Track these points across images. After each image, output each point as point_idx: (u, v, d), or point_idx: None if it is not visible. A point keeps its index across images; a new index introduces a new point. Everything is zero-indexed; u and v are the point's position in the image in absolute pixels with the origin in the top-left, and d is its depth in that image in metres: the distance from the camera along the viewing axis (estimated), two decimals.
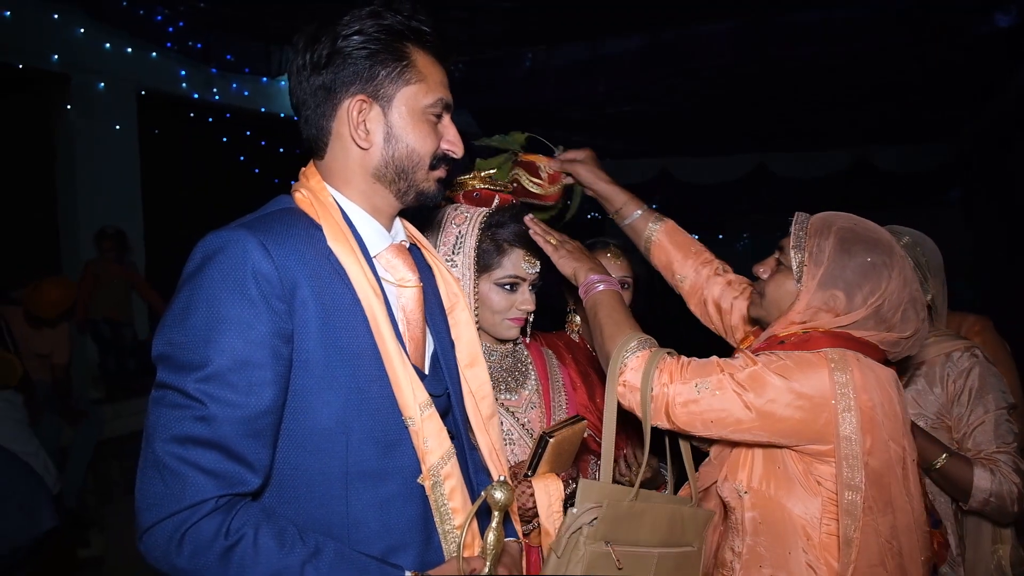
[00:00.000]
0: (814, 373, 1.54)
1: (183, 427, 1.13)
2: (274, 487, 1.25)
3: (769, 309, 1.72)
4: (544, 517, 1.67)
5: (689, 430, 1.62)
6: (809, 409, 1.53)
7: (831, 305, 1.60)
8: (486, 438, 1.55)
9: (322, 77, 1.33)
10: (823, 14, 5.68)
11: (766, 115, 8.68)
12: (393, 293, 1.40)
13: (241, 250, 1.19)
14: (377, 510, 1.29)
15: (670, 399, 1.58)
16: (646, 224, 2.15)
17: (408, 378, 1.31)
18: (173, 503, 1.11)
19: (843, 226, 1.64)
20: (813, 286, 1.61)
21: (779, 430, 1.56)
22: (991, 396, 2.14)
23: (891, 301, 1.58)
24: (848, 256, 1.60)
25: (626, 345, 1.65)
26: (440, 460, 1.34)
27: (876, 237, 1.63)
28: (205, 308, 1.16)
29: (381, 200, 1.41)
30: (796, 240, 1.66)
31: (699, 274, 2.11)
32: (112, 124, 6.79)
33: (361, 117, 1.34)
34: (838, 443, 1.53)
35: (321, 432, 1.25)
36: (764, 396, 1.54)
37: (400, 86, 1.35)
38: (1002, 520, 2.13)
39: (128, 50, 6.64)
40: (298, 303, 1.22)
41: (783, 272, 1.69)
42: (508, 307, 1.89)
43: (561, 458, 1.73)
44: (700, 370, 1.60)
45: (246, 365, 1.16)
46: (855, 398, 1.52)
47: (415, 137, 1.37)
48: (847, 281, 1.59)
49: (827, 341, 1.59)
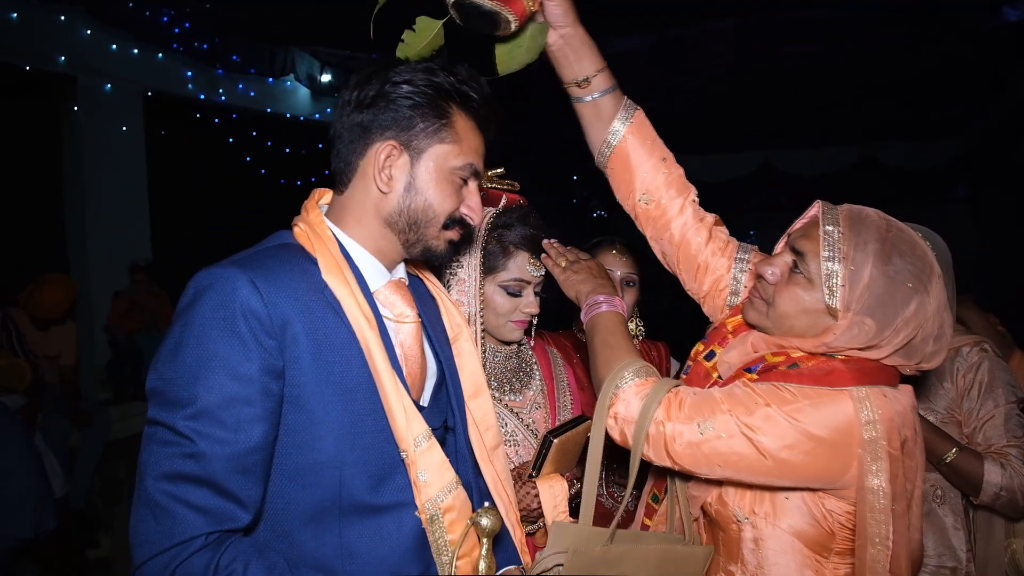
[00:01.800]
0: (837, 416, 1.36)
1: (173, 464, 1.14)
2: (267, 521, 1.25)
3: (778, 323, 1.48)
4: (549, 518, 1.67)
5: (695, 471, 1.45)
6: (831, 457, 1.37)
7: (855, 333, 1.38)
8: (491, 469, 1.55)
9: (362, 115, 1.35)
10: (828, 11, 5.65)
11: (771, 112, 8.65)
12: (392, 329, 1.41)
13: (230, 288, 1.20)
14: (372, 542, 1.29)
15: (668, 438, 1.42)
16: (615, 111, 1.71)
17: (403, 409, 1.31)
18: (164, 540, 1.12)
19: (880, 232, 1.39)
20: (849, 315, 1.38)
21: (799, 476, 1.40)
22: (1001, 390, 2.14)
23: (925, 331, 1.38)
24: (888, 278, 1.36)
25: (620, 373, 1.50)
26: (440, 492, 1.33)
27: (915, 250, 1.39)
28: (195, 345, 1.17)
29: (388, 246, 1.42)
30: (829, 247, 1.38)
31: (670, 199, 1.73)
32: (118, 125, 6.81)
33: (388, 162, 1.35)
34: (863, 495, 1.37)
35: (314, 466, 1.26)
36: (780, 441, 1.36)
37: (434, 142, 1.37)
38: (1013, 514, 2.13)
39: (134, 51, 6.66)
40: (288, 339, 1.23)
41: (799, 282, 1.44)
42: (512, 309, 1.88)
43: (566, 458, 1.73)
44: (701, 407, 1.41)
45: (235, 402, 1.17)
46: (885, 446, 1.35)
47: (435, 194, 1.38)
48: (885, 309, 1.36)
49: (852, 377, 1.38)
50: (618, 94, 1.71)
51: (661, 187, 1.73)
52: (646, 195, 1.73)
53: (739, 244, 1.76)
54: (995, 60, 6.60)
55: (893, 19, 5.51)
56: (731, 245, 1.75)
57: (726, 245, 1.74)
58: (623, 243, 2.49)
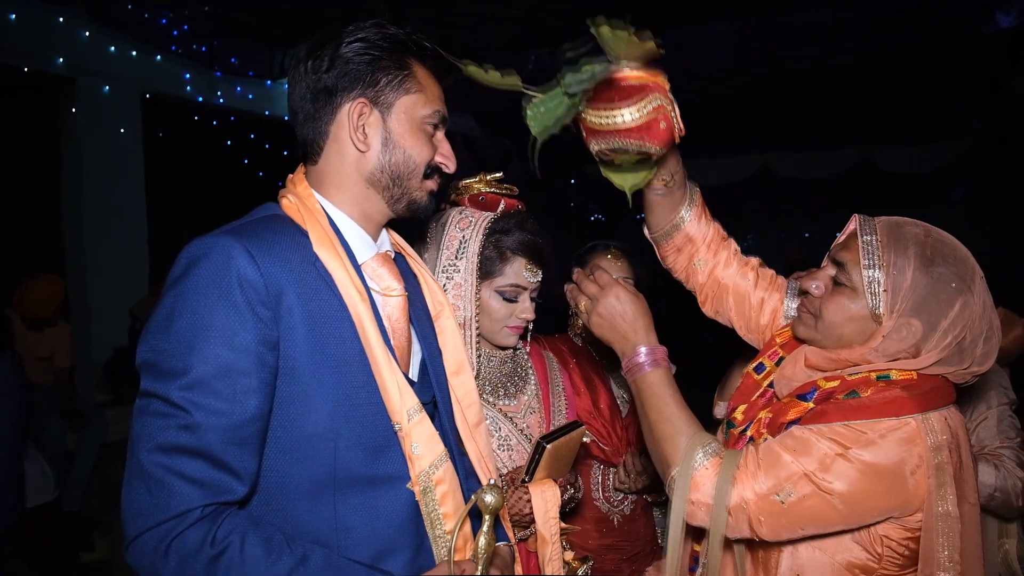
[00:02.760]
0: (906, 448, 1.34)
1: (168, 436, 1.12)
2: (262, 495, 1.24)
3: (827, 334, 1.49)
4: (541, 523, 1.66)
5: (776, 539, 1.42)
6: (903, 489, 1.35)
7: (903, 335, 1.39)
8: (474, 445, 1.56)
9: (323, 81, 1.35)
10: (826, 14, 5.66)
11: (769, 116, 8.67)
12: (379, 302, 1.40)
13: (226, 256, 1.19)
14: (366, 516, 1.29)
15: (752, 518, 1.38)
16: (684, 198, 1.75)
17: (396, 383, 1.31)
18: (159, 513, 1.11)
19: (919, 239, 1.41)
20: (894, 317, 1.39)
21: (877, 513, 1.38)
22: (993, 393, 2.15)
23: (973, 331, 1.38)
24: (931, 279, 1.38)
25: (691, 456, 1.44)
26: (431, 465, 1.34)
27: (956, 253, 1.41)
28: (189, 314, 1.16)
29: (372, 207, 1.42)
30: (868, 255, 1.41)
31: (717, 256, 1.81)
32: (117, 127, 6.79)
33: (361, 121, 1.35)
34: (932, 523, 1.35)
35: (308, 439, 1.25)
36: (856, 487, 1.34)
37: (400, 94, 1.37)
38: (1007, 515, 2.14)
39: (133, 53, 6.64)
40: (284, 310, 1.22)
41: (843, 292, 1.46)
42: (508, 315, 1.88)
43: (559, 463, 1.72)
44: (774, 470, 1.37)
45: (231, 372, 1.16)
46: (950, 470, 1.34)
47: (412, 144, 1.39)
48: (930, 309, 1.37)
49: (914, 404, 1.37)
50: (689, 183, 1.75)
51: (711, 247, 1.80)
52: (700, 260, 1.82)
53: (786, 279, 1.82)
54: (991, 64, 6.61)
55: (891, 23, 5.52)
56: (778, 279, 1.81)
57: (774, 279, 1.81)
58: (617, 247, 2.49)
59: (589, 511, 2.35)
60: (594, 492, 2.38)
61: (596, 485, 2.39)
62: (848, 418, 1.38)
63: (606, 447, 2.33)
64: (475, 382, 1.61)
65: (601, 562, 2.30)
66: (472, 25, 6.10)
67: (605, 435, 2.32)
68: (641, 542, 2.44)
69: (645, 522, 2.50)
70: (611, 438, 2.34)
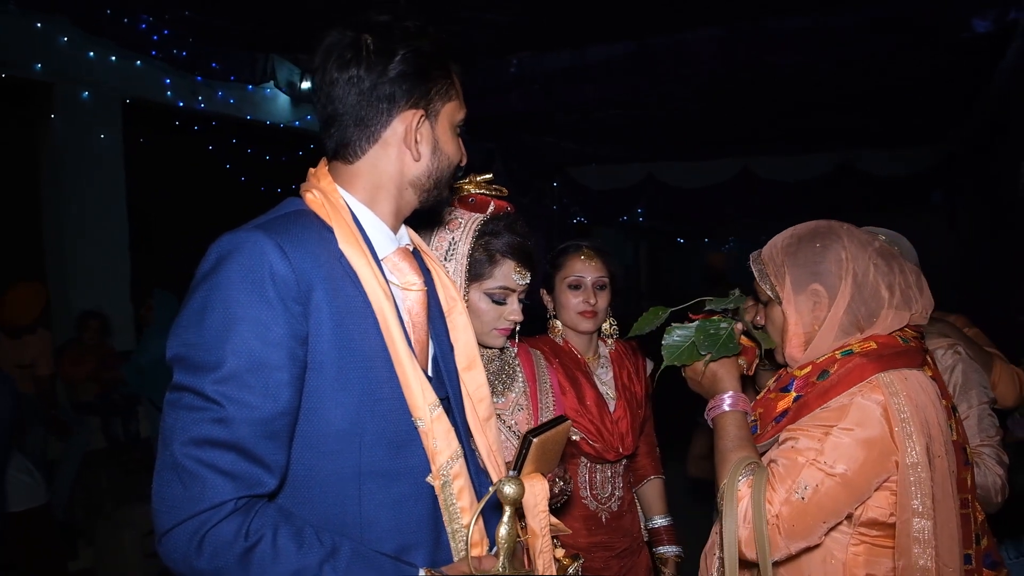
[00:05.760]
0: (872, 408, 1.50)
1: (201, 429, 1.13)
2: (288, 488, 1.25)
3: (789, 354, 1.71)
4: (530, 517, 1.67)
5: (807, 543, 1.52)
6: (880, 454, 1.49)
7: (819, 299, 1.62)
8: (484, 440, 1.57)
9: (380, 89, 1.33)
10: (808, 21, 5.72)
11: (751, 119, 8.73)
12: (399, 296, 1.41)
13: (259, 251, 1.19)
14: (389, 510, 1.30)
15: (783, 528, 1.49)
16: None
17: (418, 379, 1.32)
18: (193, 505, 1.11)
19: (786, 240, 1.70)
20: (791, 294, 1.65)
21: (877, 479, 1.50)
22: (974, 392, 2.19)
23: (860, 265, 1.59)
24: (799, 253, 1.65)
25: (734, 475, 1.56)
26: (449, 460, 1.35)
27: (813, 227, 1.68)
28: (222, 308, 1.16)
29: (406, 204, 1.44)
30: (759, 274, 1.72)
31: None
32: (97, 133, 6.75)
33: (418, 131, 1.37)
34: (904, 472, 1.48)
35: (335, 434, 1.26)
36: (851, 455, 1.48)
37: (445, 101, 1.41)
38: (988, 511, 2.17)
39: (113, 58, 6.60)
40: (313, 305, 1.23)
41: (769, 306, 1.73)
42: (496, 317, 1.88)
43: (546, 458, 1.73)
44: (787, 474, 1.51)
45: (263, 366, 1.16)
46: (914, 423, 1.48)
47: (451, 149, 1.43)
48: (813, 271, 1.62)
49: (874, 366, 1.55)
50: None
51: None
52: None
53: None
54: (970, 69, 6.70)
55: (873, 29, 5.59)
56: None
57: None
58: (590, 246, 2.49)
59: (577, 509, 2.37)
60: (582, 490, 2.39)
61: (584, 483, 2.40)
62: (824, 399, 1.57)
63: (596, 443, 2.34)
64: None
65: (590, 559, 2.31)
66: (458, 31, 6.11)
67: (594, 432, 2.33)
68: (628, 539, 2.46)
69: (632, 518, 2.52)
70: (601, 434, 2.34)
